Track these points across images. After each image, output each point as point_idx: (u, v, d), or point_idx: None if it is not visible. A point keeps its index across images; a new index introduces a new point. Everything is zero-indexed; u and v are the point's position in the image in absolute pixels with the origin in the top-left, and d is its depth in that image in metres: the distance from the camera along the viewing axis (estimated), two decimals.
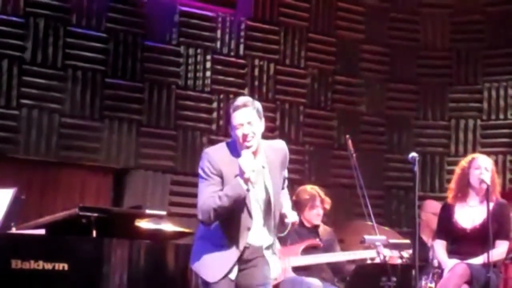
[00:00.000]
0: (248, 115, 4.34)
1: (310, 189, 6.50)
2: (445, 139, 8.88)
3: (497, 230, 5.88)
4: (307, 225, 6.45)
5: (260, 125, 4.40)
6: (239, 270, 4.36)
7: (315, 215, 6.43)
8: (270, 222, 4.44)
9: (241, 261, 4.37)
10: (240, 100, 4.42)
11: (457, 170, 6.18)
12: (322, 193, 6.47)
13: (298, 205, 6.41)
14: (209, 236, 4.38)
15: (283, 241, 6.25)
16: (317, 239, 6.38)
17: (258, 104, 4.44)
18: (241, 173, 4.22)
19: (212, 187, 4.29)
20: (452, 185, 6.16)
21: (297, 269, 6.25)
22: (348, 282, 6.20)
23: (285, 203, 4.53)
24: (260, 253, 4.42)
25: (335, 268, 6.46)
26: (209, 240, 4.38)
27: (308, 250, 6.32)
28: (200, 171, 4.37)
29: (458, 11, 8.99)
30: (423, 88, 8.98)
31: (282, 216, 4.45)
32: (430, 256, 6.17)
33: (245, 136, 4.31)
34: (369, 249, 6.01)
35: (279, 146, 4.57)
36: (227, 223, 4.34)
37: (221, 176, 4.30)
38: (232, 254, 4.34)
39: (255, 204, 4.39)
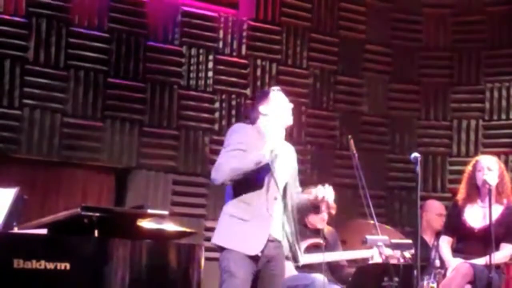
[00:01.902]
0: (287, 101, 4.83)
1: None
2: (447, 139, 8.88)
3: (504, 233, 5.88)
4: (311, 227, 6.43)
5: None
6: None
7: (319, 220, 6.41)
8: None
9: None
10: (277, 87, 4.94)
11: (465, 174, 6.18)
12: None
13: (303, 209, 6.38)
14: (236, 211, 4.52)
15: None
16: (321, 239, 6.36)
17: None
18: (268, 142, 4.49)
19: (235, 152, 4.47)
20: (461, 189, 6.16)
21: (299, 268, 6.24)
22: (350, 282, 6.20)
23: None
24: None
25: (335, 271, 6.46)
26: (236, 215, 4.52)
27: (311, 249, 6.31)
28: (226, 140, 4.59)
29: (461, 11, 8.99)
30: (425, 88, 8.98)
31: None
32: (432, 256, 6.18)
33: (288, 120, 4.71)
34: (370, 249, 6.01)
35: (291, 147, 4.92)
36: (254, 194, 4.49)
37: (245, 148, 4.49)
38: (264, 224, 4.49)
39: (280, 181, 4.61)
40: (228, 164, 4.44)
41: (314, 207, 6.36)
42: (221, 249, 4.57)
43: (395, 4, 9.06)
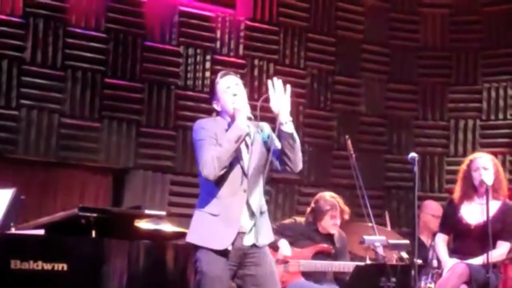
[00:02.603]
0: (234, 79, 4.54)
1: (330, 198, 6.40)
2: (444, 139, 8.88)
3: (500, 230, 5.87)
4: (322, 231, 6.39)
5: (245, 95, 4.54)
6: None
7: (332, 225, 6.36)
8: (259, 185, 4.44)
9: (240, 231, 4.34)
10: (223, 71, 4.64)
11: (460, 173, 6.17)
12: (341, 203, 6.41)
13: (317, 213, 6.35)
14: (206, 206, 4.37)
15: (295, 244, 6.24)
16: (331, 246, 6.33)
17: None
18: (238, 115, 4.34)
19: (211, 144, 4.33)
20: (457, 187, 6.15)
21: (305, 273, 6.23)
22: (347, 282, 6.20)
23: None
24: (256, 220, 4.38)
25: (337, 274, 6.44)
26: (206, 210, 4.36)
27: (319, 255, 6.29)
28: (195, 138, 4.44)
29: (458, 11, 8.99)
30: (422, 88, 8.99)
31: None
32: (429, 257, 6.17)
33: (235, 96, 4.44)
34: (369, 250, 6.00)
35: (265, 124, 4.62)
36: (223, 186, 4.33)
37: (215, 138, 4.35)
38: (233, 217, 4.32)
39: (248, 169, 4.40)
40: (209, 155, 4.29)
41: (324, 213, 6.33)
42: (194, 247, 4.39)
43: (392, 4, 9.06)
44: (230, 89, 4.47)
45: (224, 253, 4.31)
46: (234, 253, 4.33)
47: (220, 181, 4.34)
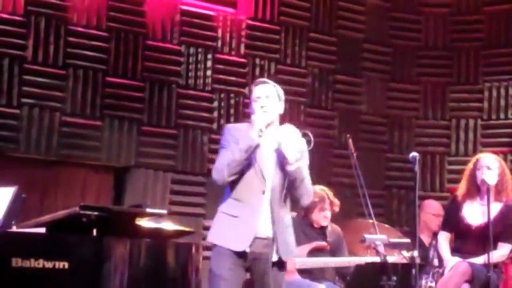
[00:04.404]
0: (267, 89, 4.65)
1: (319, 190, 6.44)
2: (445, 139, 8.88)
3: (501, 231, 5.87)
4: (315, 225, 6.42)
5: (278, 104, 4.65)
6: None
7: (323, 217, 6.40)
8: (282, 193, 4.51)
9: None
10: (262, 78, 4.83)
11: (465, 171, 6.18)
12: (331, 195, 6.44)
13: (306, 206, 6.38)
14: (226, 207, 4.53)
15: None
16: (324, 241, 6.35)
17: (279, 88, 4.74)
18: (252, 126, 4.46)
19: (227, 149, 4.50)
20: (462, 185, 6.15)
21: (301, 271, 6.24)
22: (348, 282, 6.20)
23: None
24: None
25: (339, 269, 6.45)
26: (227, 212, 4.52)
27: (314, 252, 6.30)
28: (220, 142, 4.61)
29: (459, 10, 9.00)
30: (423, 87, 8.99)
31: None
32: (430, 255, 6.17)
33: (262, 107, 4.55)
34: (370, 249, 6.01)
35: (292, 130, 4.65)
36: (243, 189, 4.47)
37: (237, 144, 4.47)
38: (251, 220, 4.44)
39: (267, 174, 4.49)
40: (222, 161, 4.47)
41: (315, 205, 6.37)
42: (213, 246, 4.57)
43: (393, 3, 9.07)
44: (260, 99, 4.60)
45: (239, 256, 4.44)
46: (249, 256, 4.45)
47: (238, 184, 4.49)
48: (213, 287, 4.49)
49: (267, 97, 4.61)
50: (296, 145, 4.46)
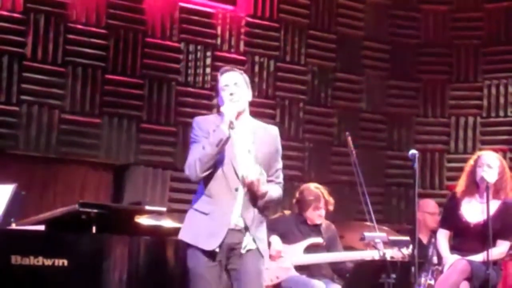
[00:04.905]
0: (234, 77, 4.48)
1: (314, 188, 6.48)
2: (445, 136, 8.88)
3: (499, 229, 5.87)
4: (309, 223, 6.45)
5: (246, 92, 4.50)
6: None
7: (317, 216, 6.43)
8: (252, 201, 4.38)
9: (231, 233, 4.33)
10: (227, 66, 4.62)
11: (466, 167, 6.18)
12: (326, 194, 6.47)
13: (301, 204, 6.43)
14: (197, 205, 4.41)
15: (285, 239, 6.27)
16: (320, 238, 6.38)
17: (246, 75, 4.56)
18: (223, 118, 4.30)
19: (197, 143, 4.37)
20: (461, 182, 6.15)
21: (298, 268, 6.26)
22: (347, 279, 6.21)
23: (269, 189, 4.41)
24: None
25: (335, 266, 6.47)
26: (198, 208, 4.40)
27: (310, 249, 6.32)
28: (190, 136, 4.47)
29: (459, 8, 8.99)
30: (423, 85, 8.99)
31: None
32: (429, 253, 6.18)
33: (231, 95, 4.39)
34: (369, 247, 6.02)
35: (272, 131, 4.57)
36: (215, 185, 4.35)
37: (207, 137, 4.34)
38: (223, 217, 4.33)
39: (241, 170, 4.35)
40: (193, 156, 4.35)
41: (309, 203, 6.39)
42: (186, 245, 4.44)
43: (393, 0, 9.06)
44: (228, 87, 4.44)
45: (211, 254, 4.34)
46: (222, 249, 4.35)
47: (211, 180, 4.37)
48: (193, 286, 4.39)
49: (235, 84, 4.44)
50: (255, 171, 4.28)
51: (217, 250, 4.34)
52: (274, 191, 4.46)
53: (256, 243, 4.39)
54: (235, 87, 4.43)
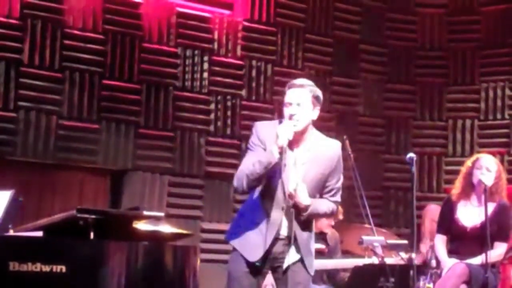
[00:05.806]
0: (300, 96, 4.32)
1: None
2: (442, 140, 8.89)
3: (496, 231, 5.87)
4: (316, 231, 6.42)
5: (311, 112, 4.39)
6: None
7: (326, 225, 6.42)
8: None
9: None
10: (299, 79, 4.41)
11: (463, 169, 6.17)
12: None
13: None
14: (249, 213, 4.37)
15: None
16: (324, 246, 6.35)
17: (317, 91, 4.42)
18: (276, 141, 4.16)
19: (254, 157, 4.25)
20: (457, 183, 6.15)
21: None
22: (346, 283, 6.20)
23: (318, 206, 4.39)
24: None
25: (330, 274, 6.46)
26: (248, 217, 4.36)
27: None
28: (249, 141, 4.38)
29: (455, 11, 9.01)
30: (420, 88, 8.99)
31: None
32: (428, 257, 6.16)
33: (290, 117, 4.26)
34: (368, 251, 6.01)
35: (332, 149, 4.59)
36: (265, 198, 4.30)
37: (265, 149, 4.26)
38: (269, 232, 4.27)
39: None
40: (243, 168, 4.26)
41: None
42: (232, 247, 4.43)
43: (389, 4, 9.07)
44: (290, 107, 4.29)
45: (253, 263, 4.31)
46: (268, 259, 4.32)
47: (264, 190, 4.31)
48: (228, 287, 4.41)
49: (298, 105, 4.28)
50: (293, 184, 4.25)
51: (259, 262, 4.30)
52: (320, 205, 4.42)
53: (301, 255, 4.36)
54: (296, 108, 4.28)
